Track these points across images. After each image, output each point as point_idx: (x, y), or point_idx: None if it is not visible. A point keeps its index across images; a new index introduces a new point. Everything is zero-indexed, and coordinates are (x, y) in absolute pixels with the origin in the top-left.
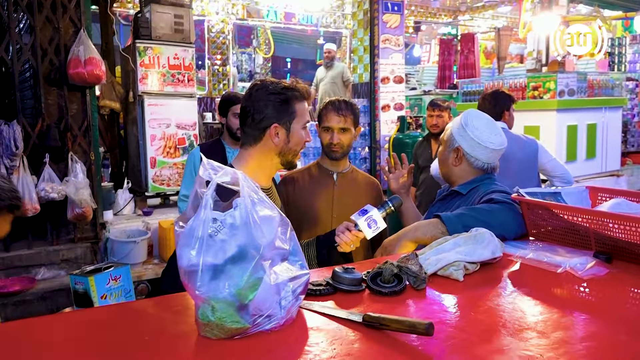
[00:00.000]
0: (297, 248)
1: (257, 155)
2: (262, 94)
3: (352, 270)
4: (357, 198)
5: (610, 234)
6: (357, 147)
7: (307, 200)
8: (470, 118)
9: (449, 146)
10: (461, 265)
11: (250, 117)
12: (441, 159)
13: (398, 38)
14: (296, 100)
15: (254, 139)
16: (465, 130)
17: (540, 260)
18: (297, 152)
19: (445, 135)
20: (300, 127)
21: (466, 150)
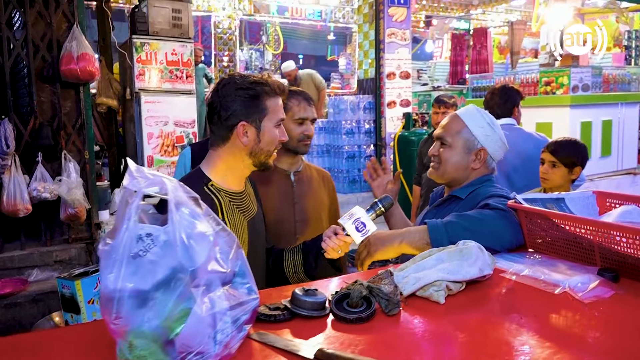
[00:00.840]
0: (244, 269)
1: (225, 157)
2: (229, 89)
3: (315, 292)
4: (317, 196)
5: (617, 248)
6: (362, 144)
7: (266, 208)
8: (488, 115)
9: (466, 147)
10: (443, 285)
11: (217, 115)
12: (455, 162)
13: (404, 32)
14: (267, 95)
15: (221, 138)
16: (493, 130)
17: (536, 278)
18: (271, 152)
19: (458, 136)
20: (272, 125)
21: (491, 152)
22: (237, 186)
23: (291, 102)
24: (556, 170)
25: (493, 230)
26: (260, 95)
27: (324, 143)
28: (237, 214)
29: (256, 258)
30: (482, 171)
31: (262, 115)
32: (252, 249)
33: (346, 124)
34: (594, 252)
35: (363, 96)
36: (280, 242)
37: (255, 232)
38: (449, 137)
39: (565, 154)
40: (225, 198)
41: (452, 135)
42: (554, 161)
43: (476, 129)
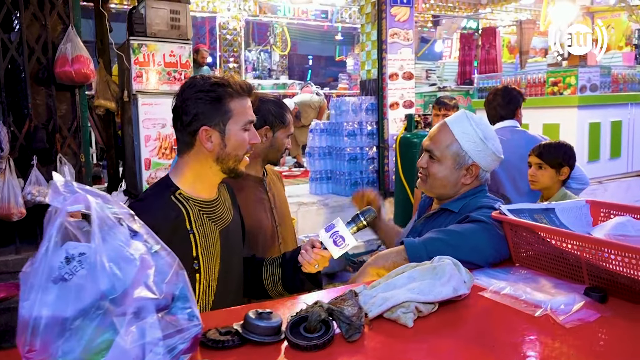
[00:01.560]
0: (186, 292)
1: (192, 164)
2: (189, 92)
3: (269, 315)
4: (283, 197)
5: (606, 266)
6: (365, 146)
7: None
8: (484, 127)
9: (456, 163)
10: (411, 307)
11: (179, 120)
12: (444, 178)
13: (407, 32)
14: (230, 97)
15: (186, 144)
16: (486, 145)
17: (517, 297)
18: (240, 157)
19: (447, 151)
20: (239, 128)
21: (483, 167)
22: (208, 194)
23: (288, 118)
24: (543, 172)
25: (474, 244)
26: (223, 97)
27: (325, 145)
28: (208, 223)
29: (230, 269)
30: (474, 184)
31: (226, 118)
32: (225, 259)
33: (348, 126)
34: (581, 269)
35: (365, 97)
36: (267, 251)
37: (229, 241)
38: (437, 151)
39: (550, 156)
40: (194, 207)
41: (441, 149)
42: (540, 163)
43: (467, 144)
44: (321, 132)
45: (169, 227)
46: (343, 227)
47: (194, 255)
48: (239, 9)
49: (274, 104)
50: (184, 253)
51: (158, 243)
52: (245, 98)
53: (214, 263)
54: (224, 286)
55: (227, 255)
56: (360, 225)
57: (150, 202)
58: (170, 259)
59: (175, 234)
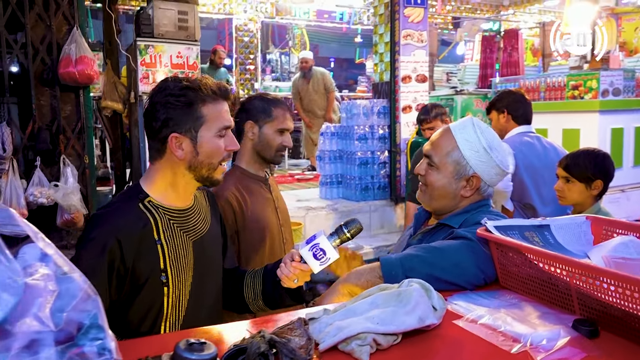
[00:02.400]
0: (98, 321)
1: (163, 171)
2: (159, 96)
3: (202, 346)
4: (282, 198)
5: (598, 295)
6: (376, 150)
7: (259, 219)
8: (490, 136)
9: (456, 173)
10: (368, 339)
11: (149, 126)
12: (438, 188)
13: (421, 33)
14: (202, 102)
15: (157, 152)
16: (489, 155)
17: (495, 328)
18: (214, 164)
19: (447, 158)
20: (212, 134)
21: (485, 179)
22: (181, 202)
23: (276, 112)
24: (571, 187)
25: (455, 263)
26: (194, 102)
27: (336, 149)
28: (179, 233)
29: (205, 282)
30: (475, 198)
31: (198, 124)
32: (199, 272)
33: (359, 129)
34: (571, 297)
35: (377, 100)
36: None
37: (204, 253)
38: (436, 158)
39: (578, 168)
40: (164, 216)
41: (441, 156)
42: (567, 176)
43: (469, 152)
44: (332, 135)
45: (134, 236)
46: (324, 239)
47: (162, 268)
48: (255, 11)
49: (260, 99)
50: (151, 265)
51: (66, 265)
52: (219, 102)
53: (185, 276)
54: (197, 301)
55: (201, 267)
56: (344, 237)
57: (115, 209)
58: (81, 283)
59: (142, 244)
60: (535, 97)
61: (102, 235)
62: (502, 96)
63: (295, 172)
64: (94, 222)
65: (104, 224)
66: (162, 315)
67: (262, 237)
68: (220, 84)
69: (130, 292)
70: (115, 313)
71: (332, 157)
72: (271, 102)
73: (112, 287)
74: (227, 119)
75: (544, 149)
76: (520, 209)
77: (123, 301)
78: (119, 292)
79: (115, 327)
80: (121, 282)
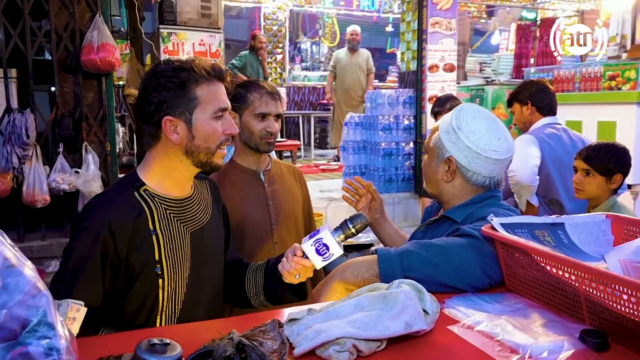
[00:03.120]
0: (47, 319)
1: (160, 158)
2: (152, 79)
3: (165, 347)
4: (291, 195)
5: (610, 304)
6: (401, 142)
7: (238, 213)
8: (464, 117)
9: (437, 156)
10: (348, 345)
11: (142, 111)
12: (427, 173)
13: (450, 21)
14: (196, 83)
15: (152, 137)
16: (457, 135)
17: (492, 336)
18: (212, 149)
19: (431, 141)
20: (208, 117)
21: (461, 163)
22: (179, 191)
23: (252, 96)
24: (591, 180)
25: (457, 264)
26: (187, 82)
27: (360, 139)
28: (176, 223)
29: (203, 275)
30: (464, 187)
31: (192, 106)
32: (197, 264)
33: (383, 119)
34: (580, 305)
35: (403, 90)
36: (257, 249)
37: (203, 244)
38: (427, 142)
39: (600, 161)
40: (160, 206)
41: (429, 140)
42: (588, 169)
43: (444, 134)
44: (355, 125)
45: (128, 226)
46: (328, 234)
47: (157, 259)
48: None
49: (237, 86)
50: (145, 256)
51: (18, 258)
52: (214, 83)
53: (182, 268)
54: (195, 294)
55: (199, 259)
56: (349, 233)
57: (109, 198)
58: (29, 277)
59: (136, 234)
60: (569, 88)
61: (95, 225)
62: (524, 87)
63: (320, 162)
64: (86, 211)
65: (96, 213)
66: (158, 308)
67: (241, 234)
68: (215, 64)
69: (125, 283)
70: (110, 305)
71: (355, 147)
72: (246, 87)
73: (106, 278)
74: (223, 101)
75: (571, 141)
76: (546, 205)
77: (118, 293)
78: (113, 283)
79: (110, 319)
80: (115, 273)
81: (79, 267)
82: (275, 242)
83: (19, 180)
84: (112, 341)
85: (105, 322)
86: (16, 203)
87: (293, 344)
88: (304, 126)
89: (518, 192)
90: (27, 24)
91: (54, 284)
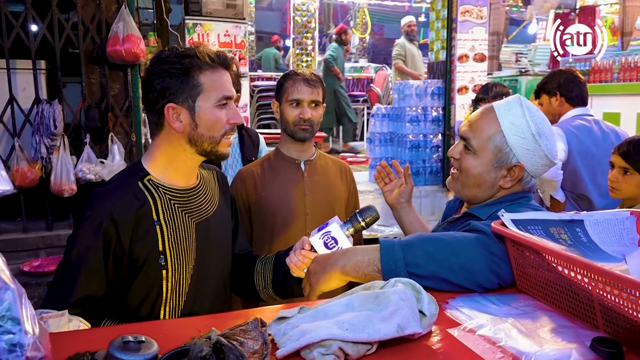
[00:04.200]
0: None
1: (164, 147)
2: (155, 66)
3: (139, 345)
4: (332, 188)
5: (626, 310)
6: (429, 134)
7: (273, 199)
8: (540, 121)
9: (497, 161)
10: (333, 347)
11: (146, 98)
12: (478, 176)
13: (481, 9)
14: (199, 70)
15: (155, 125)
16: (538, 144)
17: (494, 342)
18: (216, 138)
19: (488, 142)
20: (212, 104)
21: (529, 170)
22: (183, 181)
23: (287, 84)
24: (628, 179)
25: (463, 261)
26: (191, 69)
27: (387, 131)
28: (180, 214)
29: (209, 266)
30: (515, 189)
31: (195, 93)
32: (202, 256)
33: (411, 111)
34: (594, 309)
35: (431, 81)
36: (288, 237)
37: (209, 235)
38: (475, 141)
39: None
40: (164, 196)
41: (480, 139)
42: (626, 167)
43: (514, 138)
44: (382, 117)
45: (131, 216)
46: (337, 227)
47: (160, 250)
48: None
49: (281, 77)
50: (148, 246)
51: None
52: (219, 70)
53: (186, 259)
54: (200, 286)
55: (204, 251)
56: (358, 226)
57: (112, 187)
58: None
59: (139, 224)
60: (607, 78)
61: (97, 215)
62: (552, 77)
63: (348, 155)
64: (90, 201)
65: (98, 203)
66: (161, 299)
67: (273, 223)
68: (220, 51)
69: (129, 274)
70: (114, 296)
71: (382, 139)
72: (284, 76)
73: (110, 268)
74: (228, 89)
75: (602, 133)
76: (573, 200)
77: (121, 284)
78: (117, 274)
79: (114, 310)
80: (119, 263)
81: (82, 256)
82: (308, 232)
83: (47, 170)
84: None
85: (109, 313)
86: (44, 192)
87: (278, 345)
88: None
89: (541, 187)
90: (55, 17)
91: (58, 274)
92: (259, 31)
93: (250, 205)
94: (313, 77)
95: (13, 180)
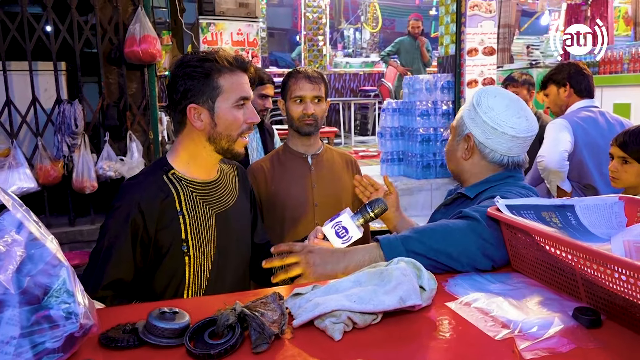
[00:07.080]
0: (66, 286)
1: (186, 143)
2: (179, 69)
3: (174, 315)
4: (338, 181)
5: (604, 282)
6: (439, 127)
7: (282, 192)
8: (485, 96)
9: (458, 134)
10: (343, 317)
11: (170, 99)
12: (449, 151)
13: (490, 3)
14: (219, 72)
15: (179, 124)
16: (476, 111)
17: (486, 312)
18: (233, 137)
19: (455, 121)
20: (230, 105)
21: (478, 139)
22: (204, 175)
23: (290, 81)
24: (628, 168)
25: (459, 250)
26: (211, 72)
27: (398, 125)
28: (202, 205)
29: (228, 254)
30: (482, 165)
31: (215, 94)
32: (222, 244)
33: (421, 105)
34: (577, 283)
35: (441, 75)
36: (298, 229)
37: (228, 226)
38: (453, 123)
39: (637, 146)
40: (186, 188)
41: (455, 119)
42: (625, 156)
43: (465, 111)
44: (393, 111)
45: (156, 207)
46: (348, 218)
47: (183, 238)
48: None
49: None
50: (172, 234)
51: (41, 233)
52: (237, 73)
53: (207, 248)
54: (220, 273)
55: (224, 240)
56: (367, 217)
57: (139, 181)
58: (51, 250)
59: (163, 214)
60: (617, 70)
61: (126, 205)
62: (561, 68)
63: (360, 149)
64: (120, 193)
65: (127, 194)
66: (184, 284)
67: (283, 213)
68: (238, 55)
69: (154, 260)
70: (141, 280)
71: (393, 133)
72: (288, 75)
73: (137, 254)
74: (245, 90)
75: (608, 124)
76: (580, 190)
77: (148, 269)
78: (144, 259)
79: (141, 293)
80: (145, 250)
81: (112, 243)
82: (317, 223)
83: (69, 168)
84: (131, 311)
85: (137, 296)
86: (67, 189)
87: (294, 316)
88: (345, 113)
89: (547, 178)
90: (74, 19)
91: (92, 259)
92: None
93: (262, 200)
94: (315, 74)
95: (37, 178)
